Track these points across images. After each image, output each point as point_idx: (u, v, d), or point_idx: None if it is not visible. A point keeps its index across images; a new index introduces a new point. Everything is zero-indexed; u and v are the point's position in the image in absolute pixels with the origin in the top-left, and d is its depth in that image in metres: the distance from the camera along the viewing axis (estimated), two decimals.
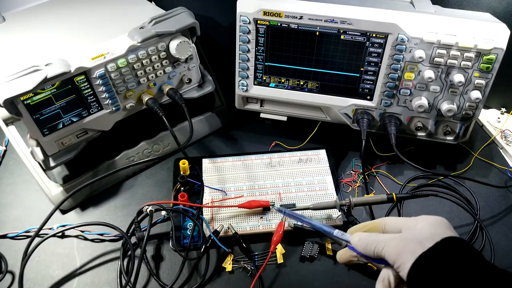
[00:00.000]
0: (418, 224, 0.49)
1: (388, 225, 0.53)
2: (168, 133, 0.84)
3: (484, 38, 0.72)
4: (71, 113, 0.74)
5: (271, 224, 0.76)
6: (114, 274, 0.72)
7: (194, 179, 0.83)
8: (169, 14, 0.79)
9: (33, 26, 0.84)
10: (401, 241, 0.47)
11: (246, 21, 0.80)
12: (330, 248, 0.74)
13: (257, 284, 0.69)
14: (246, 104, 0.94)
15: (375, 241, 0.50)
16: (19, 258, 0.70)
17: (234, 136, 0.98)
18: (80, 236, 0.78)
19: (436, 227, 0.48)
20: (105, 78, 0.74)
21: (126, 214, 0.81)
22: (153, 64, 0.79)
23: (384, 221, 0.53)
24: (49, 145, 0.74)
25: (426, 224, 0.49)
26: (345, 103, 0.86)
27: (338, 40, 0.79)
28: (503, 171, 0.89)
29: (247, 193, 0.82)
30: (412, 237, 0.47)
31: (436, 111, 0.82)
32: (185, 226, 0.77)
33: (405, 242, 0.47)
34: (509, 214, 0.80)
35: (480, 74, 0.75)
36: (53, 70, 0.67)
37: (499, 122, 0.99)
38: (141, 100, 0.81)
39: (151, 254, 0.75)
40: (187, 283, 0.70)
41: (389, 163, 0.90)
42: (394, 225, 0.52)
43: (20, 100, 0.67)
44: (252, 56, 0.85)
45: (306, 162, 0.88)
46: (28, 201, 0.84)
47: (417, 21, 0.75)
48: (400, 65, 0.78)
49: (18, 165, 0.90)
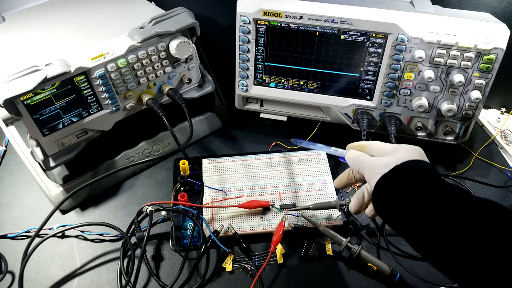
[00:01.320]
0: (395, 151, 0.54)
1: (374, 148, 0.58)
2: (168, 133, 0.85)
3: (484, 38, 0.72)
4: (71, 113, 0.74)
5: (271, 224, 0.76)
6: (114, 274, 0.72)
7: (194, 179, 0.83)
8: (169, 14, 0.79)
9: (33, 26, 0.84)
10: (375, 164, 0.54)
11: (246, 21, 0.80)
12: (330, 248, 0.74)
13: (257, 284, 0.69)
14: (246, 104, 0.94)
15: (360, 161, 0.57)
16: (19, 258, 0.70)
17: (234, 136, 0.98)
18: (80, 236, 0.78)
19: (407, 153, 0.53)
20: (105, 78, 0.74)
21: (126, 214, 0.81)
22: (153, 64, 0.79)
23: (371, 144, 0.59)
24: (49, 145, 0.74)
25: (402, 152, 0.54)
26: (345, 103, 0.86)
27: (338, 40, 0.79)
28: (503, 171, 0.89)
29: (247, 193, 0.82)
30: (385, 162, 0.53)
31: (436, 111, 0.82)
32: (185, 226, 0.77)
33: (377, 166, 0.53)
34: None
35: (480, 74, 0.75)
36: (53, 70, 0.67)
37: (499, 122, 0.99)
38: (141, 100, 0.81)
39: (151, 254, 0.75)
40: (187, 283, 0.70)
41: None
42: (379, 149, 0.57)
43: (20, 100, 0.67)
44: (252, 56, 0.85)
45: (306, 162, 0.88)
46: (28, 201, 0.84)
47: (417, 21, 0.75)
48: (400, 65, 0.78)
49: (18, 165, 0.90)
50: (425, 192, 0.47)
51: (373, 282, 0.70)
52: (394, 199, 0.50)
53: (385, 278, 0.70)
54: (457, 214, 0.43)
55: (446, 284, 0.69)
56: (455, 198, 0.46)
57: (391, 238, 0.76)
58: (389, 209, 0.51)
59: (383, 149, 0.57)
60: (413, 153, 0.53)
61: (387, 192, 0.51)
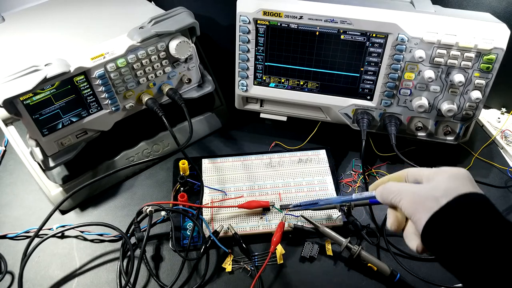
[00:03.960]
0: (437, 176, 0.48)
1: (410, 176, 0.52)
2: (167, 133, 0.84)
3: (484, 38, 0.72)
4: (70, 113, 0.74)
5: (271, 224, 0.76)
6: (113, 275, 0.72)
7: (193, 179, 0.83)
8: (169, 14, 0.79)
9: (33, 26, 0.84)
10: (417, 196, 0.47)
11: (246, 21, 0.80)
12: (330, 249, 0.74)
13: (257, 284, 0.69)
14: (246, 104, 0.94)
15: (393, 191, 0.49)
16: (18, 259, 0.70)
17: (234, 136, 0.98)
18: (79, 236, 0.78)
19: (454, 181, 0.46)
20: (105, 78, 0.74)
21: (126, 215, 0.81)
22: (152, 64, 0.79)
23: (407, 171, 0.52)
24: (48, 145, 0.74)
25: (445, 177, 0.47)
26: (345, 103, 0.86)
27: (338, 40, 0.79)
28: (503, 171, 0.88)
29: (247, 193, 0.82)
30: (429, 192, 0.46)
31: (436, 111, 0.82)
32: (185, 227, 0.77)
33: (421, 198, 0.46)
34: (509, 214, 0.80)
35: (480, 74, 0.75)
36: (52, 70, 0.67)
37: (499, 122, 0.99)
38: (140, 100, 0.81)
39: (151, 254, 0.75)
40: (187, 284, 0.70)
41: (389, 163, 0.90)
42: (415, 175, 0.51)
43: (20, 100, 0.67)
44: (252, 56, 0.85)
45: (306, 162, 0.88)
46: (27, 202, 0.84)
47: (417, 21, 0.75)
48: (400, 65, 0.78)
49: (18, 165, 0.90)
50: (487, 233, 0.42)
51: (373, 282, 0.70)
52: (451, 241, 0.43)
53: (385, 279, 0.70)
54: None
55: (446, 285, 0.69)
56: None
57: (391, 238, 0.76)
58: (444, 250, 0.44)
59: (421, 173, 0.50)
60: (461, 181, 0.47)
61: (442, 234, 0.44)
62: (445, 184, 0.46)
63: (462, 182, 0.46)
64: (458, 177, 0.47)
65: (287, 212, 0.78)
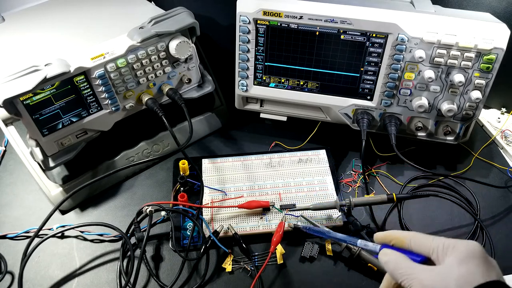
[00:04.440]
0: (448, 257, 0.44)
1: (414, 244, 0.48)
2: (167, 133, 0.84)
3: (484, 38, 0.72)
4: (70, 113, 0.74)
5: (271, 224, 0.76)
6: (113, 275, 0.72)
7: (193, 179, 0.83)
8: (169, 14, 0.79)
9: (33, 26, 0.84)
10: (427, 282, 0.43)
11: (246, 21, 0.80)
12: (330, 249, 0.74)
13: (257, 284, 0.69)
14: (246, 104, 0.94)
15: (404, 273, 0.45)
16: (18, 259, 0.70)
17: (234, 136, 0.98)
18: (79, 236, 0.77)
19: (467, 265, 0.42)
20: (105, 78, 0.74)
21: (126, 215, 0.81)
22: (152, 64, 0.79)
23: (410, 237, 0.49)
24: (48, 145, 0.74)
25: (457, 260, 0.43)
26: (345, 103, 0.86)
27: (338, 40, 0.79)
28: (503, 171, 0.88)
29: (247, 193, 0.82)
30: (444, 281, 0.42)
31: (436, 111, 0.82)
32: (185, 227, 0.77)
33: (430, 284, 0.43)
34: (509, 214, 0.80)
35: (480, 74, 0.75)
36: (52, 70, 0.67)
37: (499, 122, 0.99)
38: (140, 100, 0.81)
39: (151, 254, 0.75)
40: (187, 284, 0.70)
41: (389, 163, 0.90)
42: (421, 244, 0.47)
43: (20, 100, 0.67)
44: (252, 56, 0.85)
45: (306, 162, 0.88)
46: (27, 202, 0.84)
47: (417, 21, 0.75)
48: (400, 65, 0.78)
49: (18, 165, 0.90)
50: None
51: (373, 282, 0.70)
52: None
53: None
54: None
55: None
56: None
57: None
58: None
59: (429, 246, 0.46)
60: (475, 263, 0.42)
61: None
62: (458, 270, 0.42)
63: (477, 264, 0.42)
64: (470, 257, 0.43)
65: (287, 212, 0.78)
